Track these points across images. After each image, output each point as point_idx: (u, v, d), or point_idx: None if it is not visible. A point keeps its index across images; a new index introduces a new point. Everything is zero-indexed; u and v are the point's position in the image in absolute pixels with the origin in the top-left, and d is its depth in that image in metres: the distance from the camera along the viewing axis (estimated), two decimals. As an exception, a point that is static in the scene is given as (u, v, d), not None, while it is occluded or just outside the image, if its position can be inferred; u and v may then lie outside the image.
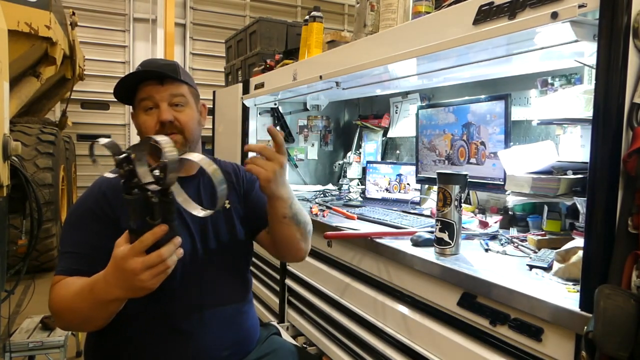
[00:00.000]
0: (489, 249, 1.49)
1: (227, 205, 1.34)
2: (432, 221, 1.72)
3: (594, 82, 0.99)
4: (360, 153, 3.13)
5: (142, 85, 1.22)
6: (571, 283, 1.12)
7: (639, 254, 0.90)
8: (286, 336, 1.76)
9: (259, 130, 3.19)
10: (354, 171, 3.13)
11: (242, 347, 1.31)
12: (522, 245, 1.51)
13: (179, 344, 1.19)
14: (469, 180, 1.50)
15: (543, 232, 1.60)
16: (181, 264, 1.18)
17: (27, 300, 2.92)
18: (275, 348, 1.39)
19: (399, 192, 2.52)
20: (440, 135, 2.06)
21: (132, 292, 0.95)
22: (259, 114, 3.18)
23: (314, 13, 2.49)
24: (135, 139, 8.74)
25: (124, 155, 0.92)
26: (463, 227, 1.56)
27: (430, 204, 2.24)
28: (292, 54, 3.01)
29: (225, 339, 1.25)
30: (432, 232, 1.52)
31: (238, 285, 1.34)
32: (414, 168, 2.29)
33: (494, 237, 1.66)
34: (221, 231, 1.30)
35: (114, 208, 1.17)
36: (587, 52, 1.32)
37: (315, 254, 2.10)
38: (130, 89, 1.23)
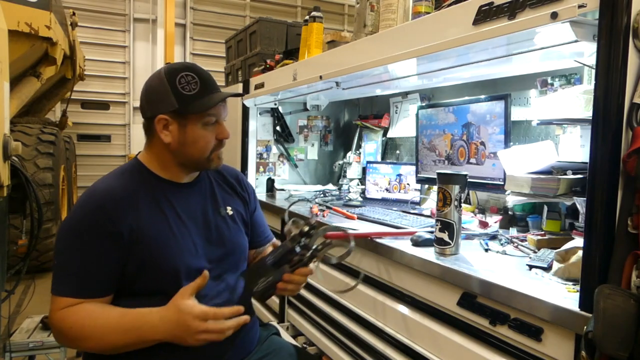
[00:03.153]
0: (489, 249, 1.49)
1: (230, 212, 1.35)
2: (432, 221, 1.72)
3: (593, 82, 0.99)
4: (360, 153, 3.13)
5: None
6: (571, 283, 1.12)
7: (639, 253, 0.90)
8: (286, 336, 1.76)
9: (259, 130, 3.20)
10: (354, 171, 3.13)
11: (243, 349, 1.31)
12: (522, 245, 1.51)
13: (181, 348, 1.18)
14: (468, 180, 1.50)
15: (543, 232, 1.60)
16: (185, 269, 1.19)
17: (27, 300, 2.92)
18: (275, 348, 1.40)
19: (399, 192, 2.52)
20: (440, 135, 2.06)
21: (177, 341, 1.09)
22: (259, 114, 3.19)
23: (314, 13, 2.50)
24: (135, 140, 8.66)
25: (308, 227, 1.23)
26: (463, 227, 1.56)
27: (430, 204, 2.24)
28: (292, 54, 3.01)
29: (226, 342, 1.24)
30: (432, 232, 1.52)
31: (240, 289, 1.33)
32: (414, 168, 2.29)
33: (493, 237, 1.66)
34: (224, 237, 1.31)
35: (114, 221, 1.13)
36: (587, 52, 1.32)
37: (315, 254, 2.10)
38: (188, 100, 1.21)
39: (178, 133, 1.21)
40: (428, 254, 1.44)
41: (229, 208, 1.35)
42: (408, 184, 2.48)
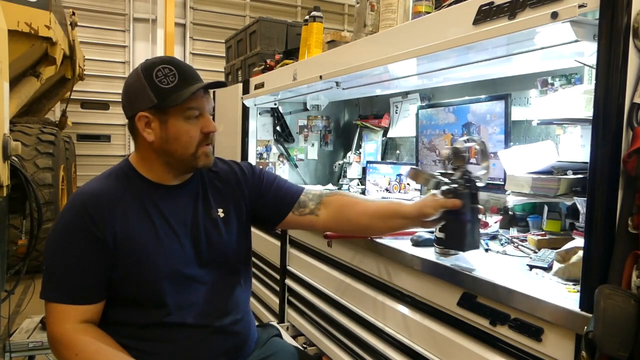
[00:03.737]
0: (489, 249, 1.49)
1: (222, 215, 1.29)
2: (432, 221, 1.72)
3: (594, 82, 0.99)
4: (360, 153, 3.13)
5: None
6: (571, 283, 1.12)
7: (639, 253, 0.90)
8: (287, 337, 1.75)
9: (259, 130, 3.20)
10: (354, 171, 3.13)
11: (240, 353, 1.29)
12: (522, 245, 1.51)
13: (175, 353, 1.18)
14: (469, 180, 1.49)
15: (543, 232, 1.60)
16: (174, 275, 1.17)
17: (27, 300, 2.92)
18: (276, 351, 1.37)
19: (399, 192, 2.52)
20: (440, 135, 2.06)
21: None
22: (259, 114, 3.18)
23: (314, 13, 2.49)
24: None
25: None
26: (463, 227, 1.56)
27: (430, 204, 2.24)
28: (292, 54, 3.00)
29: (222, 347, 1.24)
30: (432, 232, 1.52)
31: (235, 292, 1.30)
32: (414, 168, 2.29)
33: (494, 237, 1.66)
34: (215, 242, 1.26)
35: (98, 226, 1.11)
36: (587, 52, 1.32)
37: (315, 254, 2.10)
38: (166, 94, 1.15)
39: (160, 130, 1.16)
40: (428, 254, 1.44)
41: (220, 210, 1.29)
42: (408, 184, 2.48)
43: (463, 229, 1.24)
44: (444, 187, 1.26)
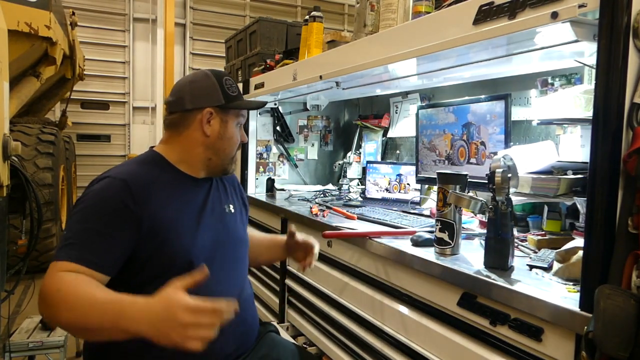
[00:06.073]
0: (489, 249, 1.49)
1: (232, 210, 1.41)
2: (432, 221, 1.72)
3: (594, 82, 0.99)
4: (360, 153, 3.13)
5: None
6: (571, 283, 1.12)
7: (639, 253, 0.90)
8: (285, 335, 1.76)
9: (259, 130, 3.20)
10: (354, 171, 3.13)
11: (246, 340, 1.35)
12: (522, 245, 1.50)
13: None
14: (469, 180, 1.50)
15: (543, 232, 1.60)
16: (197, 261, 1.20)
17: (27, 300, 2.92)
18: (276, 345, 1.43)
19: (399, 192, 2.52)
20: (440, 135, 2.06)
21: (158, 336, 0.91)
22: (259, 113, 3.19)
23: (314, 13, 2.49)
24: (135, 140, 8.59)
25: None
26: (463, 227, 1.56)
27: (430, 204, 2.24)
28: (292, 54, 3.00)
29: (232, 332, 1.26)
30: (432, 232, 1.52)
31: (247, 285, 1.42)
32: (414, 168, 2.29)
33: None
34: (233, 231, 1.38)
35: (138, 205, 1.14)
36: (587, 52, 1.32)
37: (315, 254, 2.10)
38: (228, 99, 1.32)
39: (219, 127, 1.31)
40: (428, 254, 1.44)
41: (231, 206, 1.42)
42: (408, 184, 2.48)
43: (506, 248, 1.27)
44: (487, 209, 1.30)
